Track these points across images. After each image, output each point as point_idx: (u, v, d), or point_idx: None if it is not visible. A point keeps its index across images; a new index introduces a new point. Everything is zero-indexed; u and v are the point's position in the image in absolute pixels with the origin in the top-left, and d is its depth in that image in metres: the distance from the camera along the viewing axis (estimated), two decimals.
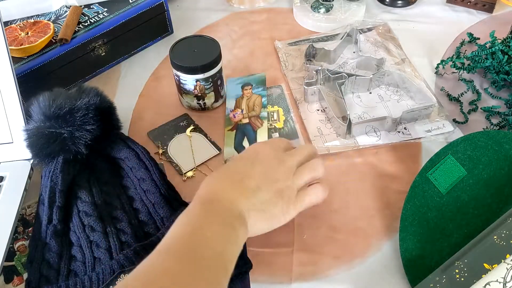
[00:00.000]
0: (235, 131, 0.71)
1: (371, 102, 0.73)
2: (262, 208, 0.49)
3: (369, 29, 0.86)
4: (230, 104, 0.75)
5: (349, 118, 0.66)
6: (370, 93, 0.74)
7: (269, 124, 0.72)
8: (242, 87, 0.76)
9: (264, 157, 0.53)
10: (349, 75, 0.73)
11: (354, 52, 0.81)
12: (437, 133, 0.68)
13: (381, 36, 0.84)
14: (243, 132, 0.70)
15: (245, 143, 0.69)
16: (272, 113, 0.73)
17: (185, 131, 0.72)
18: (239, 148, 0.69)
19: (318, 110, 0.73)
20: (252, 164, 0.52)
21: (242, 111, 0.73)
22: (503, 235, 0.46)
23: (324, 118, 0.72)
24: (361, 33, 0.83)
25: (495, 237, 0.46)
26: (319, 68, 0.74)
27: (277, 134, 0.71)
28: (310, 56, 0.79)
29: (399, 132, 0.68)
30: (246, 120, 0.72)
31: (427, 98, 0.71)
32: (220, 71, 0.72)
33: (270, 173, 0.51)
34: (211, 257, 0.42)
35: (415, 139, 0.68)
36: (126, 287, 0.39)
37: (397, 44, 0.82)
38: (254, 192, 0.49)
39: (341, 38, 0.80)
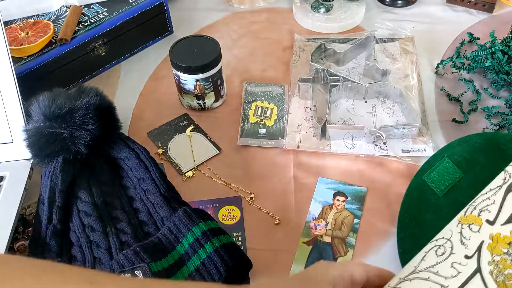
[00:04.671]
0: (311, 247, 0.58)
1: (361, 111, 0.72)
2: None
3: (392, 40, 0.83)
4: (314, 210, 0.62)
5: (325, 121, 0.66)
6: (366, 102, 0.73)
7: (259, 119, 0.71)
8: (334, 195, 0.63)
9: None
10: (345, 79, 0.72)
11: (367, 62, 0.77)
12: (414, 155, 0.66)
13: (402, 49, 0.81)
14: (321, 254, 0.57)
15: None
16: (265, 110, 0.73)
17: (185, 131, 0.72)
18: None
19: (307, 107, 0.73)
20: None
21: (326, 225, 0.60)
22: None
23: (309, 116, 0.71)
24: (378, 43, 0.80)
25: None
26: (321, 67, 0.74)
27: (264, 131, 0.70)
28: (320, 54, 0.78)
29: (376, 145, 0.67)
30: (328, 239, 0.58)
31: (414, 118, 0.68)
32: (220, 71, 0.72)
33: None
34: None
35: (388, 156, 0.66)
36: None
37: (413, 60, 0.79)
38: None
39: (353, 43, 0.79)
